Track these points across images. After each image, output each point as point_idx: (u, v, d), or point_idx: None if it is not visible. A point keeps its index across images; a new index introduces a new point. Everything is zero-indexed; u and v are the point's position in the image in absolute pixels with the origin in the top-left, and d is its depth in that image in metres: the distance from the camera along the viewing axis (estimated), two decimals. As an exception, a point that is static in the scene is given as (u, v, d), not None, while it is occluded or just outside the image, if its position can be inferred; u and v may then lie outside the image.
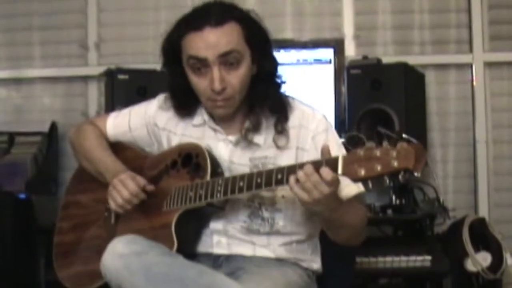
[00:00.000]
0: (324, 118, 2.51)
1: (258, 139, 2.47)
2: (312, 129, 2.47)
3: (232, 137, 2.50)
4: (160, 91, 2.76)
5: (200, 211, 2.41)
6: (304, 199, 2.13)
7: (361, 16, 4.50)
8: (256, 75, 2.45)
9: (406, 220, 3.73)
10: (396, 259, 3.49)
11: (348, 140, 3.52)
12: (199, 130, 2.56)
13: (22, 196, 3.94)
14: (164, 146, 2.63)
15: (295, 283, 2.44)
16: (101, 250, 2.31)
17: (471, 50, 4.42)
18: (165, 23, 4.57)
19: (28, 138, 4.33)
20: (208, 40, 2.34)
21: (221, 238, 2.47)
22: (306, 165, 2.14)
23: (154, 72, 4.07)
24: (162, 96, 2.67)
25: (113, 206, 2.45)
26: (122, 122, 2.74)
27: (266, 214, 2.46)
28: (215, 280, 2.22)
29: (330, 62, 4.05)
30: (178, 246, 2.34)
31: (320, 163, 2.12)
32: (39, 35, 4.68)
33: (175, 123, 2.61)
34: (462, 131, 4.42)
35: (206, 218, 2.47)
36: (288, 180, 2.15)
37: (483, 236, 3.72)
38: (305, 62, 4.05)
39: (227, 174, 2.43)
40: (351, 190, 2.36)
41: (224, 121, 2.51)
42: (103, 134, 2.76)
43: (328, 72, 4.04)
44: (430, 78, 4.36)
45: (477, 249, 3.66)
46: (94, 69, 4.54)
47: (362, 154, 2.04)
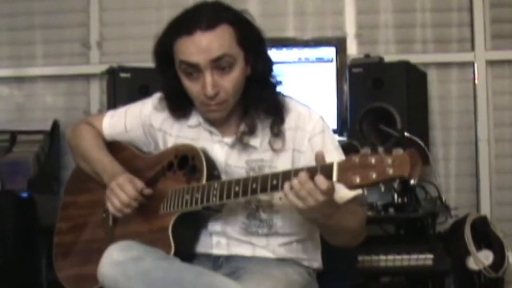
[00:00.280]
0: (320, 119, 2.48)
1: (254, 141, 2.45)
2: (308, 130, 2.43)
3: (228, 139, 2.47)
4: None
5: (197, 214, 2.40)
6: (299, 206, 2.11)
7: (363, 15, 4.50)
8: (250, 76, 2.42)
9: (408, 219, 3.73)
10: (398, 257, 3.49)
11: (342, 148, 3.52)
12: (194, 132, 2.54)
13: (24, 194, 3.94)
14: (160, 147, 2.62)
15: (296, 282, 2.44)
16: (99, 252, 2.32)
17: (473, 48, 4.42)
18: (166, 22, 4.62)
19: (30, 137, 4.33)
20: (200, 45, 2.30)
21: (220, 239, 2.46)
22: (301, 172, 2.12)
23: (155, 70, 4.07)
24: (157, 96, 2.63)
25: (111, 209, 2.44)
26: (118, 122, 2.72)
27: (264, 216, 2.45)
28: (214, 281, 2.22)
29: (332, 61, 4.04)
30: (175, 249, 2.33)
31: (315, 170, 2.10)
32: (41, 33, 4.69)
33: (170, 124, 2.59)
34: (464, 130, 4.42)
35: (204, 220, 2.46)
36: (283, 187, 2.14)
37: (485, 235, 3.72)
38: (307, 60, 4.04)
39: (223, 176, 2.42)
40: (348, 192, 2.31)
41: (219, 123, 2.49)
42: (100, 134, 2.74)
43: (330, 71, 4.03)
44: (432, 76, 4.36)
45: (479, 247, 3.66)
46: (96, 67, 4.54)
47: (357, 161, 2.02)
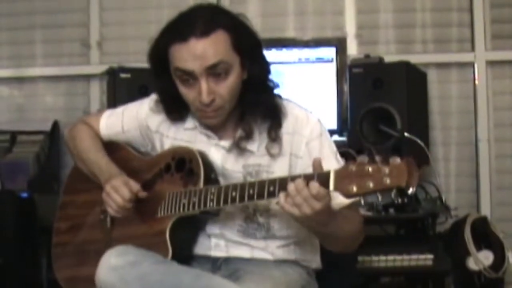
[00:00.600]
0: (318, 122, 2.46)
1: (252, 146, 2.43)
2: (306, 135, 2.41)
3: (225, 142, 2.46)
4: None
5: (195, 217, 2.40)
6: (294, 214, 2.10)
7: (363, 15, 4.50)
8: (247, 80, 2.40)
9: (408, 219, 3.73)
10: (398, 258, 3.49)
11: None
12: (191, 134, 2.52)
13: (24, 195, 3.95)
14: (157, 148, 2.61)
15: (296, 282, 2.43)
16: (97, 254, 2.31)
17: (473, 48, 4.42)
18: (163, 25, 4.62)
19: (30, 137, 4.34)
20: (194, 52, 2.27)
21: (219, 241, 2.46)
22: (297, 179, 2.11)
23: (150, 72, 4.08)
24: (153, 97, 2.61)
25: (110, 212, 2.44)
26: (115, 123, 2.71)
27: (261, 220, 2.44)
28: (212, 282, 2.22)
29: (332, 61, 4.04)
30: (173, 252, 2.33)
31: (312, 177, 2.09)
32: (41, 33, 4.70)
33: (167, 126, 2.57)
34: (464, 130, 4.43)
35: (202, 223, 2.46)
36: (280, 203, 2.12)
37: (485, 235, 3.72)
38: (307, 60, 4.04)
39: (220, 180, 2.42)
40: (342, 199, 2.27)
41: (216, 127, 2.47)
42: (97, 134, 2.73)
43: (330, 71, 4.03)
44: (432, 76, 4.36)
45: (479, 247, 3.66)
46: (96, 67, 4.55)
47: (354, 169, 2.01)
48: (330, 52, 4.06)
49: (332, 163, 2.30)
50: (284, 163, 2.42)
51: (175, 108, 2.52)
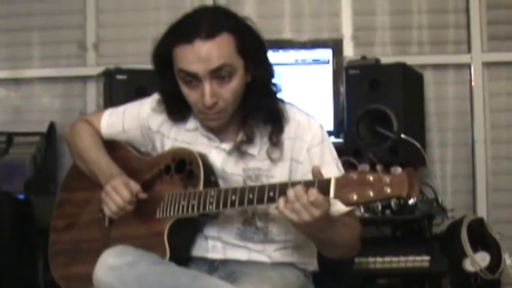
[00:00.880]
0: (320, 128, 2.45)
1: (252, 150, 2.43)
2: (307, 140, 2.41)
3: (226, 145, 2.46)
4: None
5: (193, 219, 2.40)
6: (293, 220, 2.10)
7: (359, 17, 4.50)
8: (250, 83, 2.39)
9: (404, 221, 3.73)
10: (395, 259, 3.50)
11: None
12: (192, 135, 2.52)
13: (21, 196, 3.95)
14: (158, 149, 2.61)
15: (293, 284, 2.43)
16: (95, 253, 2.31)
17: (469, 50, 4.42)
18: (163, 24, 4.60)
19: (27, 139, 4.33)
20: (199, 54, 2.27)
21: (216, 243, 2.45)
22: (297, 186, 2.10)
23: (152, 72, 4.07)
24: (155, 97, 2.61)
25: (107, 212, 2.42)
26: (116, 122, 2.70)
27: (259, 224, 2.44)
28: (209, 284, 2.22)
29: (328, 63, 4.05)
30: (170, 254, 2.33)
31: (312, 184, 2.09)
32: (38, 35, 4.69)
33: (168, 127, 2.57)
34: (461, 131, 4.43)
35: (200, 225, 2.46)
36: (279, 209, 2.12)
37: (481, 236, 3.72)
38: (303, 62, 4.04)
39: (220, 182, 2.42)
40: (341, 206, 2.28)
41: (217, 129, 2.47)
42: (98, 133, 2.72)
43: (326, 73, 4.04)
44: (429, 78, 4.36)
45: (475, 249, 3.66)
46: (93, 69, 4.54)
47: (355, 177, 2.01)
48: (326, 53, 4.06)
49: (333, 169, 2.31)
50: (284, 168, 2.42)
51: (177, 109, 2.51)
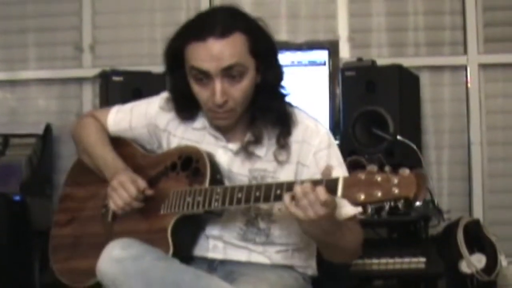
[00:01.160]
0: (327, 133, 2.48)
1: (259, 151, 2.45)
2: (314, 145, 2.43)
3: (233, 145, 2.47)
4: (154, 93, 2.75)
5: (197, 217, 2.41)
6: (299, 216, 2.11)
7: (355, 18, 4.50)
8: (260, 85, 2.42)
9: (400, 222, 3.72)
10: (391, 261, 3.49)
11: (349, 164, 3.51)
12: (199, 134, 2.54)
13: (17, 198, 3.94)
14: (164, 147, 2.62)
15: (291, 286, 2.44)
16: (97, 247, 2.32)
17: (465, 52, 4.42)
18: (159, 25, 4.63)
19: (23, 140, 4.32)
20: (212, 52, 2.29)
21: (217, 243, 2.46)
22: (305, 182, 2.12)
23: (149, 74, 4.09)
24: (164, 96, 2.63)
25: (113, 207, 2.43)
26: (123, 119, 2.72)
27: (262, 225, 2.45)
28: (211, 284, 2.22)
29: (324, 64, 4.04)
30: (173, 250, 2.33)
31: (320, 183, 2.10)
32: (34, 37, 4.69)
33: (176, 125, 2.59)
34: (457, 133, 4.43)
35: (203, 223, 2.46)
36: (285, 204, 2.13)
37: (477, 238, 3.72)
38: (299, 64, 4.04)
39: (226, 182, 2.42)
40: (348, 210, 2.34)
41: (225, 129, 2.49)
42: (105, 129, 2.74)
43: (322, 74, 4.04)
44: (425, 80, 4.36)
45: (471, 251, 3.66)
46: (89, 71, 4.54)
47: (363, 178, 2.02)
48: (322, 55, 4.05)
49: (339, 174, 2.31)
50: (290, 171, 2.43)
51: (186, 107, 2.54)
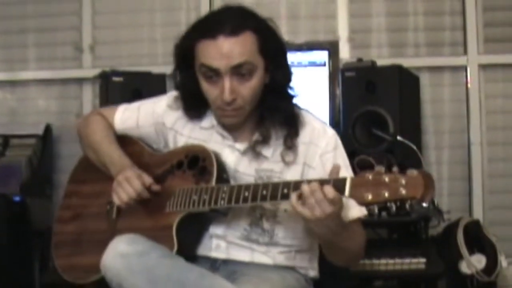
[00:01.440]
0: (334, 135, 2.50)
1: (267, 151, 2.46)
2: (321, 146, 2.45)
3: (240, 145, 2.48)
4: (154, 93, 2.76)
5: (202, 215, 2.41)
6: (306, 215, 2.12)
7: (355, 19, 4.50)
8: (268, 85, 2.43)
9: (401, 223, 3.72)
10: (391, 261, 3.49)
11: (357, 163, 3.51)
12: (207, 133, 2.55)
13: (17, 198, 3.94)
14: (170, 146, 2.63)
15: (293, 287, 2.45)
16: (100, 244, 2.32)
17: (465, 52, 4.42)
18: (159, 26, 4.63)
19: (23, 141, 4.32)
20: (222, 50, 2.31)
21: (220, 242, 2.46)
22: (313, 181, 2.13)
23: (148, 74, 4.09)
24: (172, 94, 2.64)
25: (117, 202, 2.43)
26: (131, 118, 2.72)
27: (266, 226, 2.45)
28: (215, 283, 2.22)
29: (324, 65, 4.04)
30: (178, 248, 2.34)
31: (328, 182, 2.11)
32: (33, 37, 4.69)
33: (183, 124, 2.60)
34: (457, 133, 4.43)
35: (207, 221, 2.46)
36: (291, 203, 2.14)
37: (477, 239, 3.72)
38: (299, 64, 4.03)
39: (231, 181, 2.43)
40: (354, 212, 2.36)
41: (232, 128, 2.50)
42: (111, 127, 2.74)
43: (322, 75, 4.03)
44: (425, 80, 4.36)
45: (471, 251, 3.66)
46: (89, 71, 4.54)
47: (370, 178, 2.03)
48: (322, 55, 4.05)
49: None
50: (297, 172, 2.44)
51: (194, 106, 2.55)
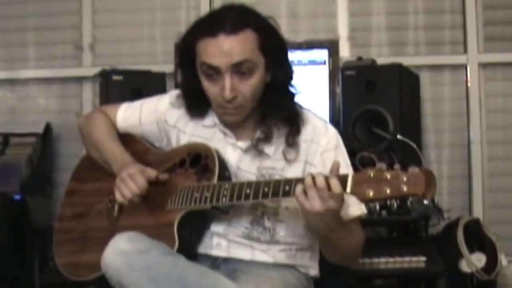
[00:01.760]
0: (335, 134, 2.51)
1: (268, 149, 2.46)
2: (322, 144, 2.46)
3: (242, 143, 2.49)
4: (154, 92, 2.77)
5: (204, 213, 2.41)
6: (305, 207, 2.12)
7: (355, 17, 4.50)
8: (270, 83, 2.44)
9: (400, 221, 3.72)
10: (391, 260, 3.49)
11: (359, 160, 3.51)
12: (209, 132, 2.55)
13: (17, 197, 3.94)
14: (173, 144, 2.63)
15: (294, 286, 2.45)
16: (101, 242, 2.33)
17: (465, 51, 4.42)
18: (159, 24, 4.63)
19: (23, 139, 4.32)
20: (222, 48, 2.32)
21: (221, 240, 2.46)
22: (317, 174, 2.14)
23: (148, 73, 4.09)
24: (174, 93, 2.66)
25: (119, 198, 2.43)
26: (133, 116, 2.73)
27: (267, 224, 2.46)
28: (216, 281, 2.22)
29: (324, 63, 4.04)
30: (179, 245, 2.34)
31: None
32: (33, 36, 4.69)
33: (185, 122, 2.60)
34: (457, 132, 4.43)
35: (209, 219, 2.47)
36: (295, 192, 2.15)
37: (477, 237, 3.72)
38: (299, 63, 4.04)
39: (233, 179, 2.43)
40: (354, 210, 2.37)
41: (234, 126, 2.50)
42: (113, 124, 2.75)
43: (322, 73, 4.03)
44: (425, 79, 4.36)
45: (471, 250, 3.66)
46: (89, 70, 4.54)
47: (372, 175, 2.05)
48: (322, 54, 4.05)
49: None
50: (298, 169, 2.45)
51: (197, 104, 2.55)
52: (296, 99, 2.53)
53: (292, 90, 2.51)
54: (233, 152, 2.49)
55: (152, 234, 2.35)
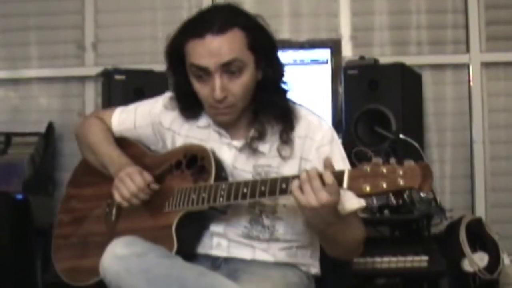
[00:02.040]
0: (330, 129, 2.50)
1: (263, 147, 2.46)
2: (317, 140, 2.45)
3: (237, 142, 2.48)
4: (157, 91, 2.76)
5: (202, 214, 2.41)
6: (301, 201, 2.12)
7: (358, 17, 4.50)
8: (261, 81, 2.44)
9: (403, 221, 3.72)
10: (393, 259, 3.49)
11: (354, 155, 3.51)
12: (204, 132, 2.55)
13: (19, 196, 3.94)
14: (168, 146, 2.62)
15: (295, 285, 2.45)
16: (99, 246, 2.32)
17: (468, 50, 4.42)
18: (161, 24, 4.63)
19: (25, 139, 4.33)
20: (210, 49, 2.32)
21: (221, 240, 2.46)
22: (311, 169, 2.14)
23: (151, 72, 4.08)
24: (168, 95, 2.65)
25: (118, 199, 2.43)
26: (128, 120, 2.73)
27: (266, 222, 2.46)
28: (215, 281, 2.22)
29: (327, 63, 4.05)
30: (178, 247, 2.34)
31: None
32: (36, 35, 4.69)
33: (180, 124, 2.60)
34: (459, 132, 4.43)
35: (207, 220, 2.46)
36: (292, 190, 2.15)
37: (480, 237, 3.72)
38: (302, 62, 4.04)
39: (230, 179, 2.43)
40: (352, 204, 2.36)
41: (228, 125, 2.50)
42: (109, 129, 2.74)
43: (325, 73, 4.04)
44: (427, 78, 4.36)
45: (474, 249, 3.66)
46: (91, 69, 4.54)
47: (368, 169, 2.05)
48: (325, 53, 4.06)
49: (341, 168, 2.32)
50: (294, 166, 2.44)
51: (190, 106, 2.55)
52: (289, 96, 2.52)
53: (284, 87, 2.50)
54: (228, 151, 2.49)
55: (151, 237, 2.35)
